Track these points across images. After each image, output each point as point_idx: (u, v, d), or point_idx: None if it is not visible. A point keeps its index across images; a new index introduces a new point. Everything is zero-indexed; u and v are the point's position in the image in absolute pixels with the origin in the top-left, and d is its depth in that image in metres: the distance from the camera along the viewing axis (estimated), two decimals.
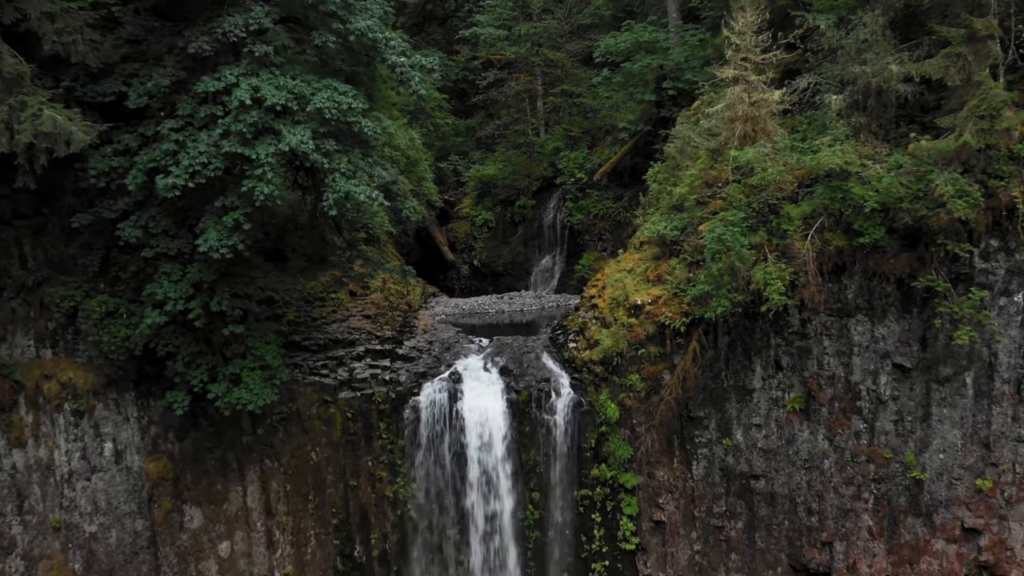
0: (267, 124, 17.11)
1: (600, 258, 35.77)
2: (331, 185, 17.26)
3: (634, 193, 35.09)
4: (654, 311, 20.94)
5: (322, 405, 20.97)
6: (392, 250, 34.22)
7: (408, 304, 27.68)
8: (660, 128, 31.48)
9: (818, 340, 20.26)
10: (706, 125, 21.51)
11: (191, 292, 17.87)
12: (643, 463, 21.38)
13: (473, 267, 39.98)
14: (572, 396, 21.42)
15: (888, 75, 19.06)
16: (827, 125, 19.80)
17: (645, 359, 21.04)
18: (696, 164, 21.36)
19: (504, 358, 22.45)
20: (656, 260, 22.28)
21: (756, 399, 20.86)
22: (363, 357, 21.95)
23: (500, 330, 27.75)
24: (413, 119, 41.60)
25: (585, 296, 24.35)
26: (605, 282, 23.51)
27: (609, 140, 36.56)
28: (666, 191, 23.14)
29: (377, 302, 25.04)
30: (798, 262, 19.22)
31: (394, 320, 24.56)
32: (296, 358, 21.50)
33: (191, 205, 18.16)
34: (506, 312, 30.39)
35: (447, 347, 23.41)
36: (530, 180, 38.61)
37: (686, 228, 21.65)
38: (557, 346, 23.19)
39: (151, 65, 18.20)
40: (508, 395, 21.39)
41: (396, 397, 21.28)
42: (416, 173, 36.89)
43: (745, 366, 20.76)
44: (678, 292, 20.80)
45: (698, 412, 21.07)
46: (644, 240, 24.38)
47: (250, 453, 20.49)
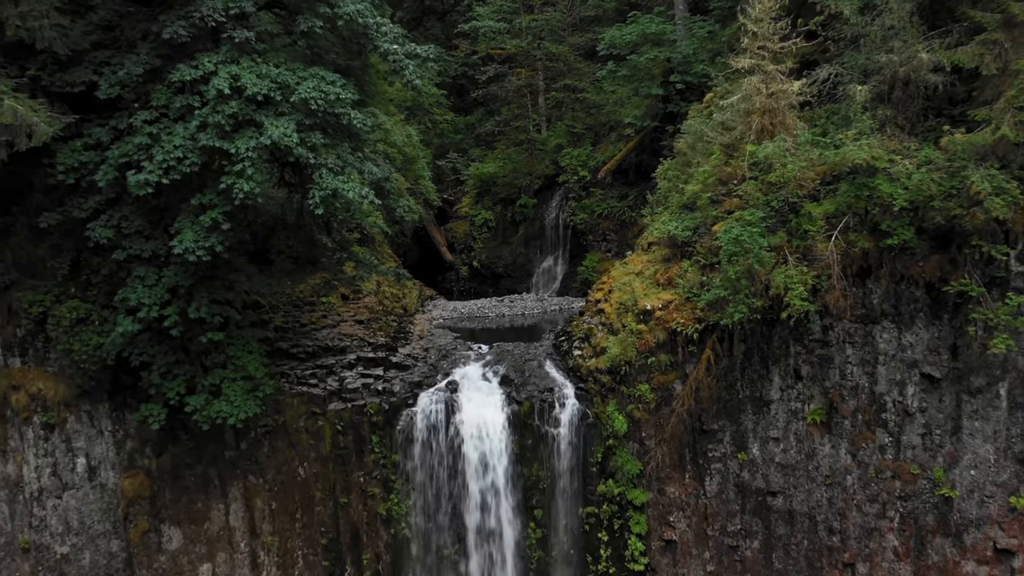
0: (248, 115, 15.80)
1: (604, 259, 34.46)
2: (317, 182, 15.94)
3: (640, 192, 33.78)
4: (665, 317, 19.61)
5: (310, 417, 19.65)
6: (388, 251, 32.97)
7: (403, 308, 26.36)
8: (667, 124, 30.21)
9: (840, 348, 18.95)
10: (720, 119, 20.17)
11: (167, 297, 16.56)
12: (653, 479, 20.04)
13: (472, 268, 38.66)
14: (577, 407, 20.10)
15: (917, 64, 17.75)
16: (851, 118, 18.47)
17: (655, 368, 19.72)
18: (709, 160, 20.03)
19: (505, 366, 21.12)
20: (666, 262, 20.95)
21: (774, 411, 19.54)
22: (354, 365, 20.62)
23: (500, 335, 26.41)
24: (411, 115, 40.36)
25: (590, 300, 23.01)
26: (612, 285, 22.19)
27: (613, 137, 35.21)
28: (677, 189, 21.81)
29: (370, 306, 23.72)
30: (820, 265, 17.90)
31: (388, 325, 23.22)
32: (283, 366, 20.17)
33: (167, 204, 16.85)
34: (507, 316, 29.07)
35: (444, 354, 22.08)
36: (531, 178, 37.27)
37: (699, 228, 20.33)
38: (561, 353, 21.86)
39: (124, 53, 16.88)
40: (509, 406, 20.06)
41: (389, 408, 19.96)
42: (413, 171, 35.63)
43: (762, 376, 19.44)
44: (691, 297, 19.47)
45: (712, 425, 19.75)
46: (653, 241, 23.09)
47: (233, 469, 19.17)
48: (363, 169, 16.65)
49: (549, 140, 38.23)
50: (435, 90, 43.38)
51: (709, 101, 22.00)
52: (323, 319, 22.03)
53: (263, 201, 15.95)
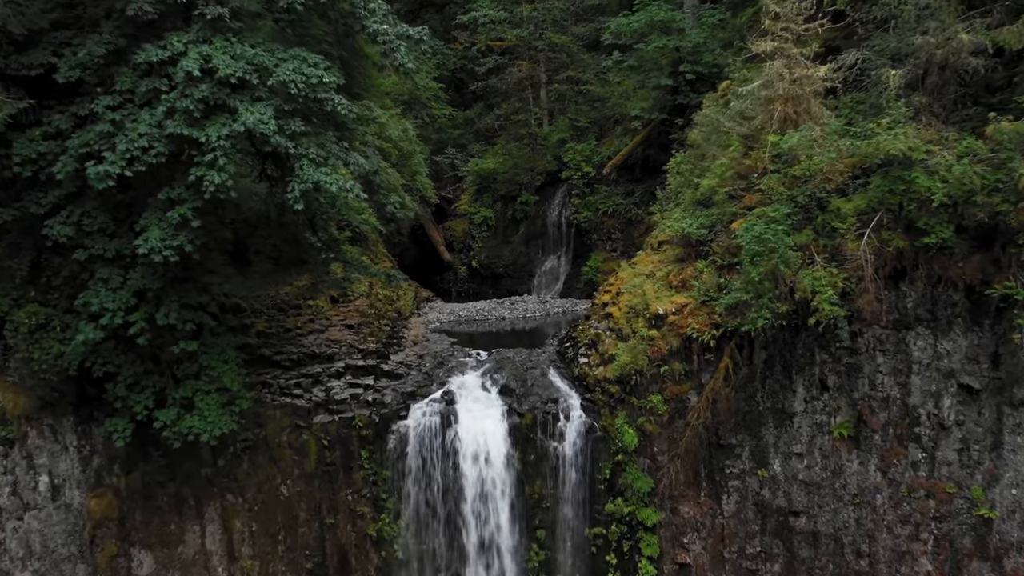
0: (220, 100, 14.25)
1: (609, 259, 32.94)
2: (297, 174, 14.39)
3: (647, 188, 32.22)
4: (679, 322, 18.08)
5: (294, 431, 18.11)
6: (383, 250, 31.49)
7: (397, 311, 24.83)
8: (676, 116, 28.67)
9: (870, 356, 17.41)
10: (738, 107, 18.63)
11: (133, 302, 15.02)
12: (665, 497, 18.50)
13: (471, 268, 37.12)
14: (583, 420, 18.56)
15: (957, 45, 16.21)
16: (882, 106, 16.93)
17: (668, 378, 18.18)
18: (727, 152, 18.49)
19: (505, 375, 19.58)
20: (679, 263, 19.42)
21: (797, 424, 18.00)
22: (343, 374, 19.08)
23: (500, 340, 24.86)
24: (407, 109, 38.82)
25: (597, 303, 21.47)
26: (620, 287, 20.66)
27: (619, 131, 33.67)
28: (690, 184, 20.27)
29: (361, 309, 22.19)
30: (851, 266, 16.36)
31: (380, 330, 21.69)
32: (265, 375, 18.64)
33: (134, 198, 15.32)
34: (507, 319, 27.52)
35: (440, 362, 20.52)
36: (533, 174, 35.71)
37: (715, 226, 18.80)
38: (566, 361, 20.32)
39: (87, 32, 15.31)
40: (509, 419, 18.53)
41: (380, 421, 18.41)
42: (409, 167, 34.10)
43: (785, 386, 17.90)
44: (707, 300, 17.94)
45: (729, 439, 18.21)
46: (664, 240, 21.56)
47: (209, 487, 17.63)
48: (349, 160, 15.09)
49: (551, 135, 36.67)
50: (433, 84, 41.89)
51: (725, 89, 20.44)
52: (310, 324, 20.50)
53: (237, 195, 14.40)
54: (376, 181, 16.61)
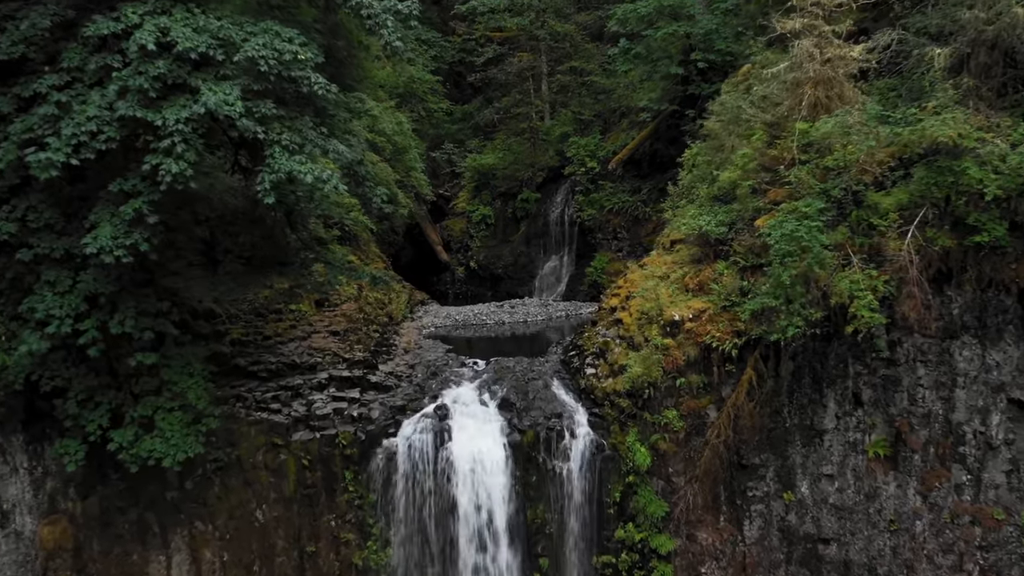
0: (180, 79, 12.52)
1: (615, 259, 31.19)
2: (268, 163, 12.64)
3: (655, 184, 30.44)
4: (696, 329, 16.33)
5: (271, 450, 16.35)
6: (375, 250, 29.73)
7: (388, 316, 23.08)
8: (687, 107, 26.90)
9: (910, 368, 15.70)
10: (762, 92, 16.89)
11: (83, 308, 13.27)
12: (681, 522, 16.75)
13: (469, 269, 35.36)
14: (591, 437, 16.82)
15: (1011, 21, 14.45)
16: (925, 88, 15.19)
17: (685, 391, 16.45)
18: (750, 142, 16.73)
19: (504, 387, 17.83)
20: (696, 264, 17.67)
21: (828, 442, 16.27)
22: (325, 386, 17.33)
23: (500, 346, 23.11)
24: (403, 103, 37.06)
25: (604, 307, 19.72)
26: (630, 290, 18.91)
27: (625, 124, 31.93)
28: (708, 177, 18.53)
29: (349, 314, 20.43)
30: (891, 267, 14.62)
31: (369, 337, 19.93)
32: (239, 388, 16.89)
33: (86, 191, 13.59)
34: (507, 324, 25.77)
35: (433, 372, 18.77)
36: (534, 170, 33.97)
37: (735, 223, 17.06)
38: (571, 371, 18.56)
39: (31, 4, 13.55)
40: (510, 436, 16.78)
41: (366, 439, 16.65)
42: (404, 162, 32.36)
43: (814, 400, 16.16)
44: (728, 305, 16.20)
45: (752, 459, 16.47)
46: (677, 239, 19.83)
47: (176, 514, 15.87)
48: (328, 148, 13.31)
49: (553, 129, 34.94)
50: (429, 76, 40.16)
51: (747, 73, 18.70)
52: (291, 330, 18.75)
53: (199, 187, 12.67)
54: (361, 172, 14.85)
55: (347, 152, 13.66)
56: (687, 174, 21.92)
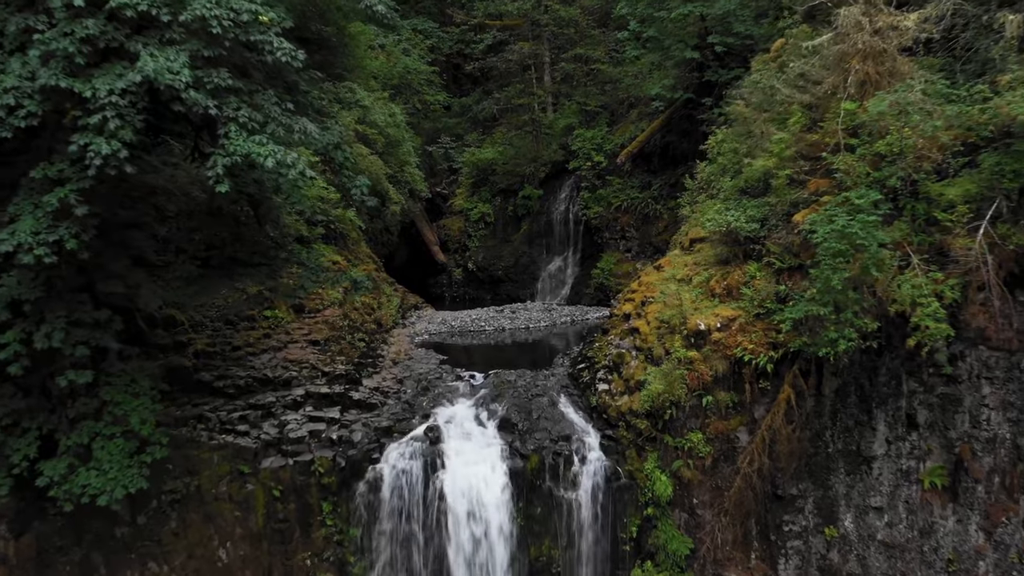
0: (115, 42, 10.40)
1: (623, 260, 29.09)
2: (223, 143, 10.53)
3: (667, 179, 28.35)
4: (725, 341, 14.23)
5: (236, 479, 14.23)
6: (365, 250, 27.61)
7: (377, 322, 20.97)
8: (703, 96, 24.82)
9: (974, 385, 13.56)
10: (799, 69, 14.77)
11: (4, 318, 11.14)
12: (707, 561, 14.63)
13: (467, 271, 33.25)
14: (603, 463, 14.71)
15: None
16: (996, 60, 13.08)
17: (712, 411, 14.35)
18: (787, 127, 14.60)
19: (505, 405, 15.70)
20: (723, 265, 15.57)
21: (876, 470, 14.15)
22: (301, 404, 15.23)
23: (499, 356, 21.00)
24: (397, 95, 34.98)
25: (617, 314, 17.62)
26: (646, 295, 16.82)
27: (634, 115, 29.82)
28: (733, 167, 16.44)
29: (332, 321, 18.32)
30: (957, 269, 12.50)
31: (353, 347, 17.82)
32: (202, 407, 14.77)
33: (5, 178, 11.45)
34: (507, 330, 23.65)
35: (424, 387, 16.64)
36: (536, 165, 31.86)
37: (769, 219, 14.97)
38: (580, 387, 16.44)
39: None
40: (511, 461, 14.67)
41: (347, 466, 14.53)
42: (397, 156, 30.27)
43: (861, 423, 14.04)
44: (762, 313, 14.10)
45: (789, 489, 14.35)
46: (698, 237, 17.78)
47: (126, 553, 13.72)
48: (294, 127, 11.18)
49: (557, 121, 32.85)
50: (425, 67, 38.10)
51: (780, 49, 16.54)
52: (264, 340, 16.63)
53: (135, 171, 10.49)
54: (338, 159, 12.70)
55: (317, 132, 11.50)
56: (707, 166, 19.87)
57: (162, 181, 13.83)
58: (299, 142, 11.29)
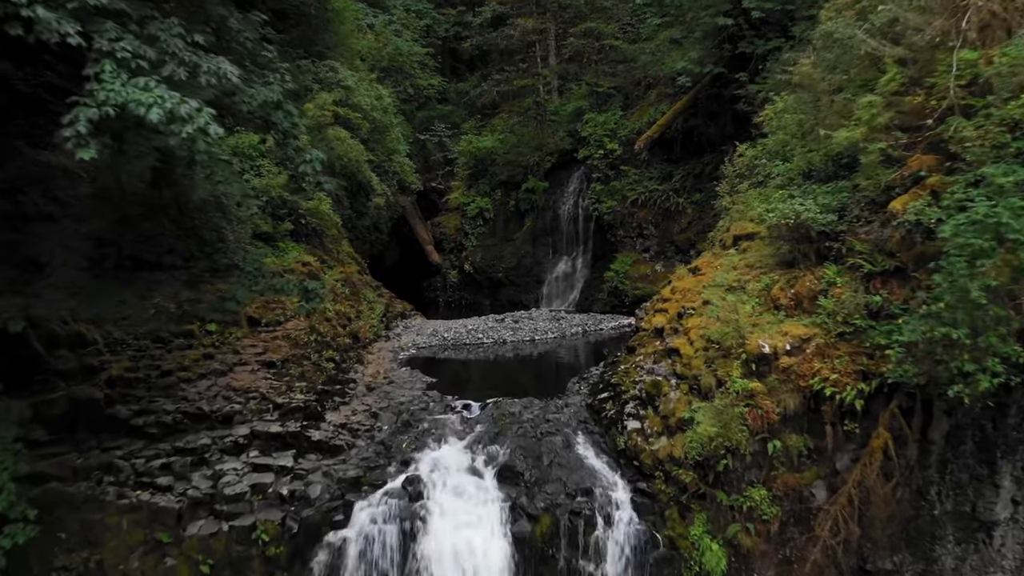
0: None
1: (640, 261, 25.68)
2: (91, 90, 7.08)
3: (691, 169, 24.90)
4: (798, 367, 10.80)
5: (152, 551, 10.77)
6: (347, 249, 24.25)
7: (353, 336, 17.54)
8: (736, 70, 21.42)
9: None
10: (891, 14, 11.31)
11: None
12: None
13: (464, 273, 29.81)
14: (636, 526, 11.26)
15: None
16: None
17: (780, 460, 10.92)
18: (880, 86, 11.13)
19: (507, 446, 12.26)
20: (786, 268, 12.15)
21: (998, 540, 10.71)
22: (244, 448, 11.80)
23: (500, 377, 17.57)
24: (386, 77, 31.58)
25: (646, 328, 14.22)
26: (684, 305, 13.43)
27: (653, 96, 26.40)
28: (797, 145, 13.02)
29: (295, 336, 14.91)
30: None
31: (318, 369, 14.40)
32: (113, 451, 11.35)
33: None
34: (509, 343, 20.24)
35: (406, 422, 13.21)
36: (541, 154, 28.43)
37: (847, 208, 11.55)
38: (603, 423, 12.98)
39: None
40: (515, 524, 11.22)
41: (301, 531, 11.07)
42: (384, 144, 26.82)
43: (979, 477, 10.60)
44: (847, 332, 10.66)
45: (882, 562, 10.92)
46: (744, 233, 14.49)
47: None
48: (199, 67, 7.72)
49: (564, 106, 29.41)
50: (419, 48, 34.71)
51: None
52: (204, 362, 13.20)
53: None
54: (281, 123, 9.24)
55: (236, 76, 8.01)
56: (749, 148, 16.57)
57: None
58: (208, 84, 7.79)
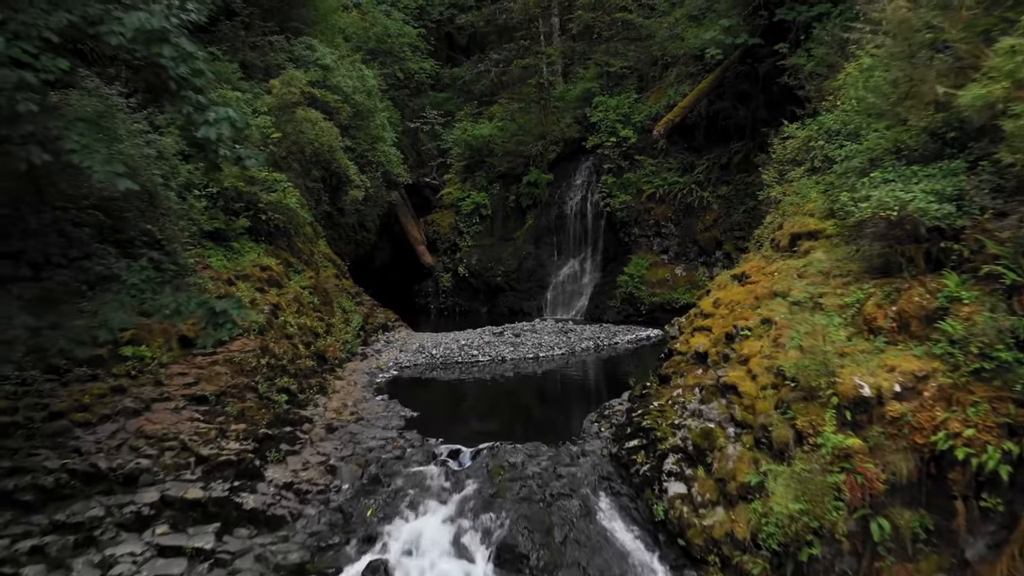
0: None
1: (658, 264, 22.60)
2: None
3: (716, 159, 21.81)
4: (913, 417, 7.71)
5: None
6: (324, 249, 21.31)
7: (319, 356, 14.46)
8: (774, 41, 18.39)
9: None
10: None
11: None
12: None
13: (458, 276, 26.73)
14: None
15: None
16: None
17: (887, 545, 7.81)
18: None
19: (507, 515, 9.17)
20: (882, 277, 9.07)
21: None
22: (150, 520, 8.74)
23: (498, 405, 14.44)
24: (372, 58, 28.56)
25: (681, 351, 11.16)
26: (736, 323, 10.36)
27: (672, 76, 23.31)
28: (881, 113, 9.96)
29: (240, 360, 11.83)
30: None
31: (266, 404, 11.30)
32: None
33: None
34: (509, 362, 17.18)
35: (374, 476, 10.12)
36: (545, 143, 25.38)
37: (965, 196, 8.48)
38: (632, 481, 9.86)
39: None
40: None
41: None
42: (367, 131, 23.80)
43: None
44: (984, 369, 7.58)
45: None
46: (806, 231, 11.52)
47: None
48: None
49: (569, 91, 26.35)
50: (409, 29, 31.68)
51: None
52: (111, 399, 10.12)
53: None
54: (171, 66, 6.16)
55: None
56: (801, 128, 13.66)
57: None
58: (62, 16, 4.72)
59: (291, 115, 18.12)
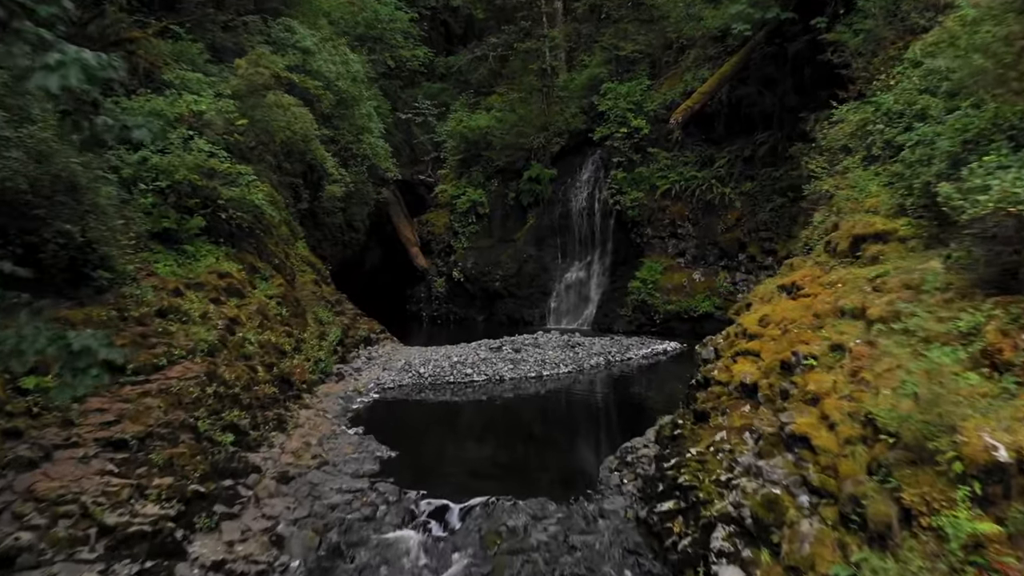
0: None
1: (674, 268, 20.41)
2: None
3: (739, 151, 19.62)
4: None
5: None
6: (302, 252, 19.24)
7: (283, 379, 12.27)
8: (810, 15, 16.21)
9: None
10: None
11: None
12: None
13: (452, 281, 24.52)
14: None
15: None
16: None
17: None
18: None
19: None
20: (1000, 294, 6.84)
21: None
22: None
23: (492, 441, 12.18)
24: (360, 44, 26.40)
25: (721, 380, 9.00)
26: (794, 347, 8.17)
27: (689, 60, 21.13)
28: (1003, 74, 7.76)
29: (179, 389, 9.64)
30: None
31: (203, 448, 9.09)
32: None
33: None
34: (508, 381, 14.99)
35: (334, 548, 7.89)
36: (548, 135, 23.18)
37: None
38: (668, 557, 7.59)
39: None
40: None
41: None
42: (352, 121, 21.65)
43: None
44: None
45: None
46: (871, 233, 9.45)
47: None
48: None
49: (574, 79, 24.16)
50: (401, 13, 29.50)
51: None
52: (2, 446, 7.89)
53: None
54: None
55: None
56: (854, 112, 11.57)
57: None
58: None
59: (259, 99, 15.92)
